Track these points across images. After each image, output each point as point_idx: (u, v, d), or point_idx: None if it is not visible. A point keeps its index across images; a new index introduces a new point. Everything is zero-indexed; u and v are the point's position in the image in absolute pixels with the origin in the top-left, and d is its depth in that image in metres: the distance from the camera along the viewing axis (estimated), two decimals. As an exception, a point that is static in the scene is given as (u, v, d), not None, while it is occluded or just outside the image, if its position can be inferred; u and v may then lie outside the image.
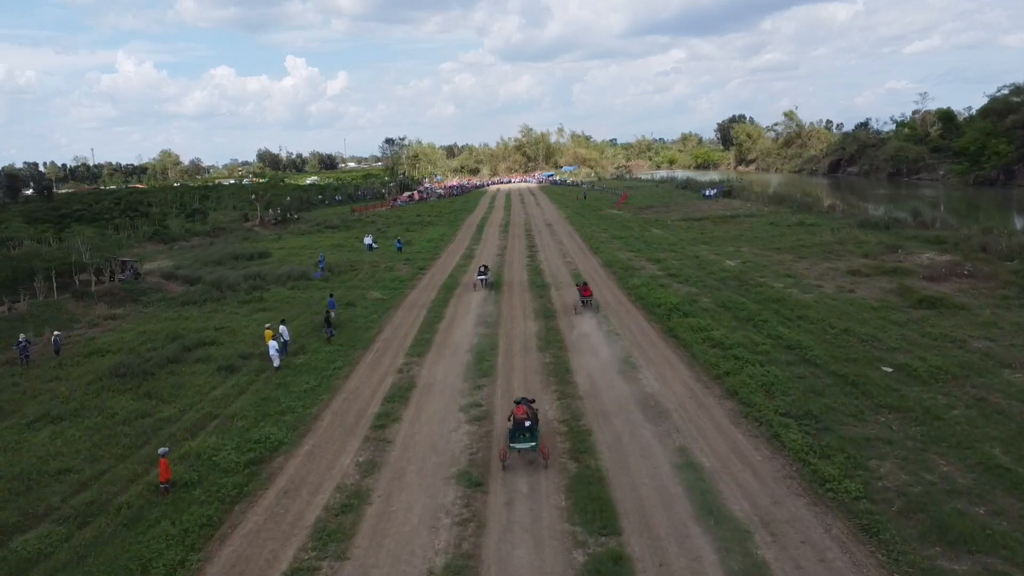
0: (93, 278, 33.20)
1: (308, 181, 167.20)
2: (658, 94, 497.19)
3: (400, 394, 19.69)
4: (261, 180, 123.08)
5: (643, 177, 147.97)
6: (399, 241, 49.63)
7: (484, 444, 16.08)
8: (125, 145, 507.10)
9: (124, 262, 35.87)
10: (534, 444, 14.87)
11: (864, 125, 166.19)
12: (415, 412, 18.33)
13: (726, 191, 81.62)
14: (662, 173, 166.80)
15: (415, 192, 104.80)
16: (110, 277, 34.49)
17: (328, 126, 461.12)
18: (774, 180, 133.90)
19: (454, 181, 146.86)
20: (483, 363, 22.12)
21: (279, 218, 68.57)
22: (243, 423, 17.65)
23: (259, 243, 54.95)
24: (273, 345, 21.98)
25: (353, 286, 36.32)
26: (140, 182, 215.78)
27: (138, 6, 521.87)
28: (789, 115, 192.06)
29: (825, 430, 15.68)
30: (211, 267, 43.15)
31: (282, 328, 23.76)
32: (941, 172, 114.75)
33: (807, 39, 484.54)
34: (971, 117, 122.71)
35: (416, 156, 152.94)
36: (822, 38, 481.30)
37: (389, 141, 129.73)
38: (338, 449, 16.17)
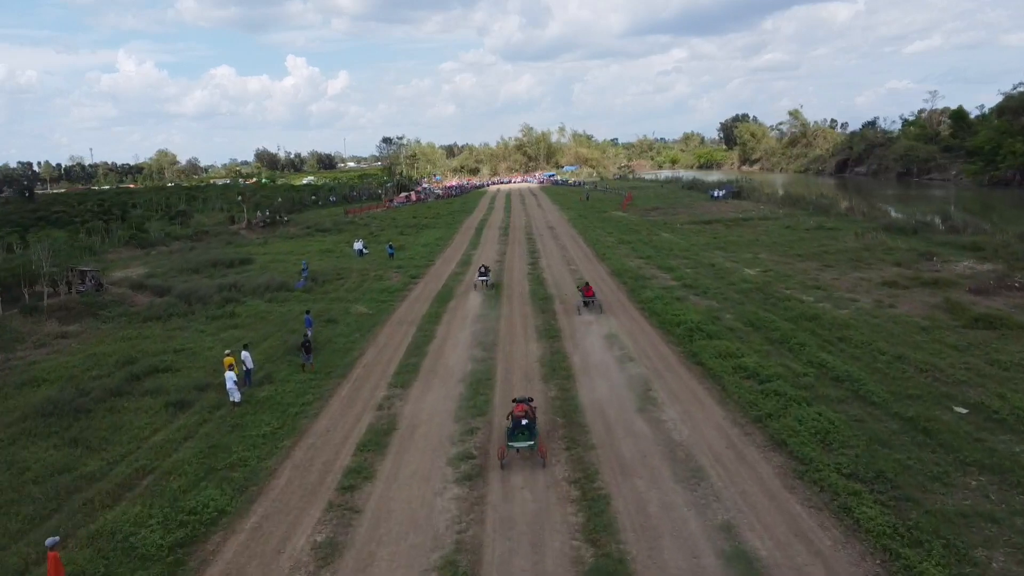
0: (46, 290, 29.90)
1: (304, 181, 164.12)
2: (658, 94, 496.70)
3: (377, 439, 16.42)
4: (248, 180, 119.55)
5: (647, 177, 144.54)
6: (391, 247, 46.32)
7: (476, 516, 12.81)
8: (125, 145, 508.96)
9: (84, 272, 32.57)
10: (532, 443, 14.76)
11: (872, 124, 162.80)
12: (393, 466, 15.05)
13: (735, 192, 78.35)
14: (666, 173, 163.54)
15: (412, 193, 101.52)
16: (68, 289, 31.22)
17: (328, 126, 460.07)
18: (779, 180, 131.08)
19: (453, 181, 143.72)
20: (477, 397, 18.85)
21: (267, 221, 65.29)
22: (181, 482, 14.37)
23: (243, 248, 51.65)
24: (231, 377, 18.65)
25: (337, 298, 33.03)
26: (135, 182, 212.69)
27: (138, 6, 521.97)
28: (794, 114, 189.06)
29: (906, 500, 12.41)
30: (186, 275, 39.90)
31: (244, 354, 20.46)
32: (953, 172, 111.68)
33: (808, 39, 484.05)
34: (984, 116, 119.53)
35: (414, 156, 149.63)
36: (823, 38, 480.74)
37: (387, 140, 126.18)
38: (293, 522, 12.89)
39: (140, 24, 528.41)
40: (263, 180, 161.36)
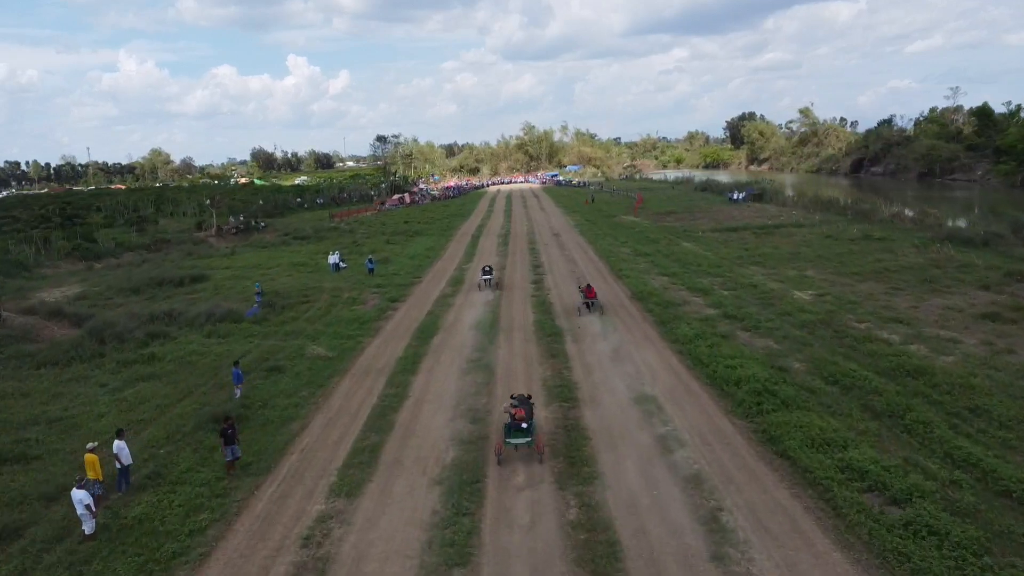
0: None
1: (297, 181, 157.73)
2: (660, 93, 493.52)
3: (288, 621, 9.94)
4: (239, 180, 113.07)
5: (654, 177, 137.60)
6: (371, 260, 39.68)
7: None
8: (126, 144, 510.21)
9: (-28, 300, 26.22)
10: (529, 440, 14.53)
11: (887, 122, 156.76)
12: None
13: (756, 194, 71.71)
14: (675, 173, 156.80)
15: (406, 195, 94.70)
16: (-48, 322, 24.82)
17: (330, 125, 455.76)
18: (789, 180, 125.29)
19: (451, 182, 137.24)
20: (459, 520, 12.36)
21: (240, 227, 58.71)
22: None
23: (203, 261, 45.06)
24: (81, 499, 12.07)
25: (294, 331, 26.51)
26: (124, 182, 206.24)
27: (138, 5, 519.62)
28: (804, 112, 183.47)
29: None
30: (124, 297, 33.44)
31: (117, 445, 13.92)
32: (979, 172, 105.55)
33: (809, 38, 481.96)
34: (1011, 113, 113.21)
35: (411, 155, 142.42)
36: (824, 37, 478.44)
37: (381, 139, 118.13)
38: None
39: (141, 23, 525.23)
40: (255, 180, 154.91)
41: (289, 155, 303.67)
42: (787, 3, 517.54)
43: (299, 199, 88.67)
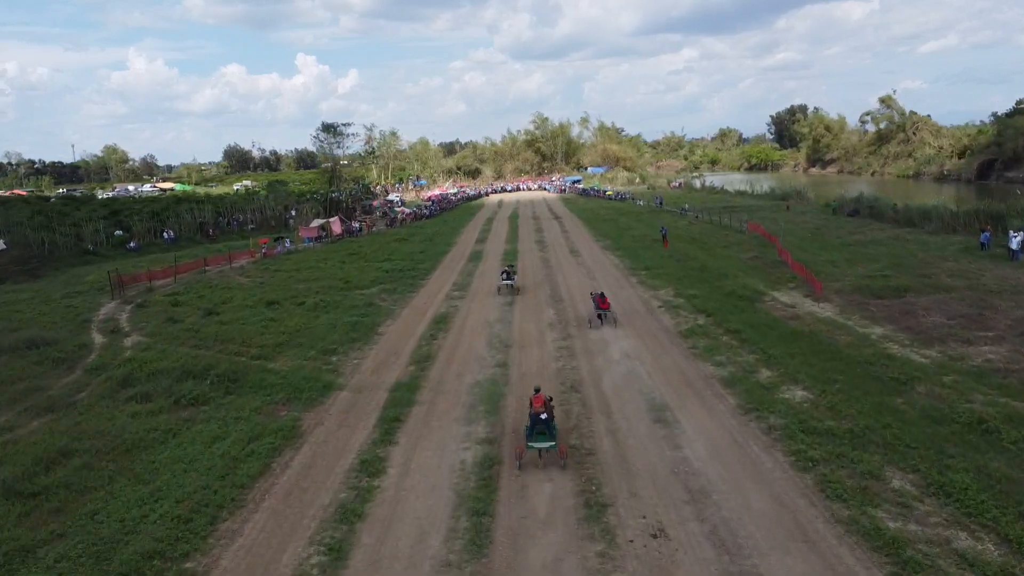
0: None
1: (237, 187, 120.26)
2: (669, 93, 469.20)
3: None
4: (127, 188, 75.00)
5: (729, 189, 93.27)
6: None
7: None
8: (136, 143, 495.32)
9: None
10: (553, 444, 13.33)
11: (1019, 111, 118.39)
12: None
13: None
14: (718, 177, 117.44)
15: (334, 220, 53.82)
16: None
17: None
18: (862, 187, 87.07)
19: (435, 191, 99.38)
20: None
21: None
22: None
23: None
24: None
25: None
26: (23, 187, 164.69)
27: (144, 3, 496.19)
28: (887, 101, 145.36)
29: None
30: None
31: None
32: None
33: (820, 38, 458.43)
34: None
35: (373, 152, 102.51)
36: (836, 36, 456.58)
37: (329, 128, 76.82)
38: None
39: (148, 21, 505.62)
40: (177, 187, 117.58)
41: (267, 153, 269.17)
42: (799, 2, 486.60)
43: (122, 231, 47.44)
